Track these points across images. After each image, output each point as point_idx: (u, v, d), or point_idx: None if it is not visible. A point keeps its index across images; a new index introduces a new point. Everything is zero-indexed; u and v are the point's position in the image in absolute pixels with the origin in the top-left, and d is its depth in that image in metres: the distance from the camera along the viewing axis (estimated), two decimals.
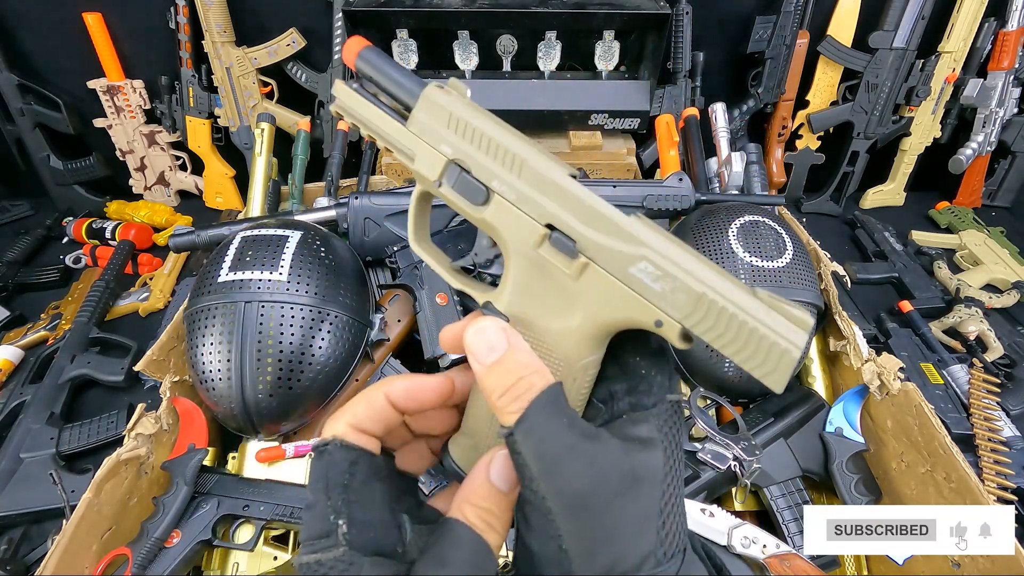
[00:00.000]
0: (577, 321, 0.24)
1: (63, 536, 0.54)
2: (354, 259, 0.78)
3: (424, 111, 0.25)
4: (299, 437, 0.72)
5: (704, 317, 0.21)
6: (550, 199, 0.23)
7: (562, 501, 0.21)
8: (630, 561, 0.21)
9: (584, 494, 0.21)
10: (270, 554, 0.64)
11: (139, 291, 1.04)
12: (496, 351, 0.23)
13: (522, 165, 0.24)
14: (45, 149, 1.20)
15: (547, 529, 0.21)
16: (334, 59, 1.15)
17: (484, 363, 0.23)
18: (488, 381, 0.23)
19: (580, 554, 0.21)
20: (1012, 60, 1.16)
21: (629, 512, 0.21)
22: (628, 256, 0.22)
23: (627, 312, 0.23)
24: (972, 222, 1.24)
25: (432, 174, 0.25)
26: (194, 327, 0.67)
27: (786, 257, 0.76)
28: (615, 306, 0.23)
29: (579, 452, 0.21)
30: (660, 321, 0.22)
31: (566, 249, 0.23)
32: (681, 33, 1.13)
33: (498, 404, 0.22)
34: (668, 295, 0.22)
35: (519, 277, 0.25)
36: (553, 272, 0.24)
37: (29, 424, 0.77)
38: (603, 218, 0.23)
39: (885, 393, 0.70)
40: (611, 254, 0.23)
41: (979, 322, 0.93)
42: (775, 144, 1.26)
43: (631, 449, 0.22)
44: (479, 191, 0.24)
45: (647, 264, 0.22)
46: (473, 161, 0.24)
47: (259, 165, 1.04)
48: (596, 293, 0.23)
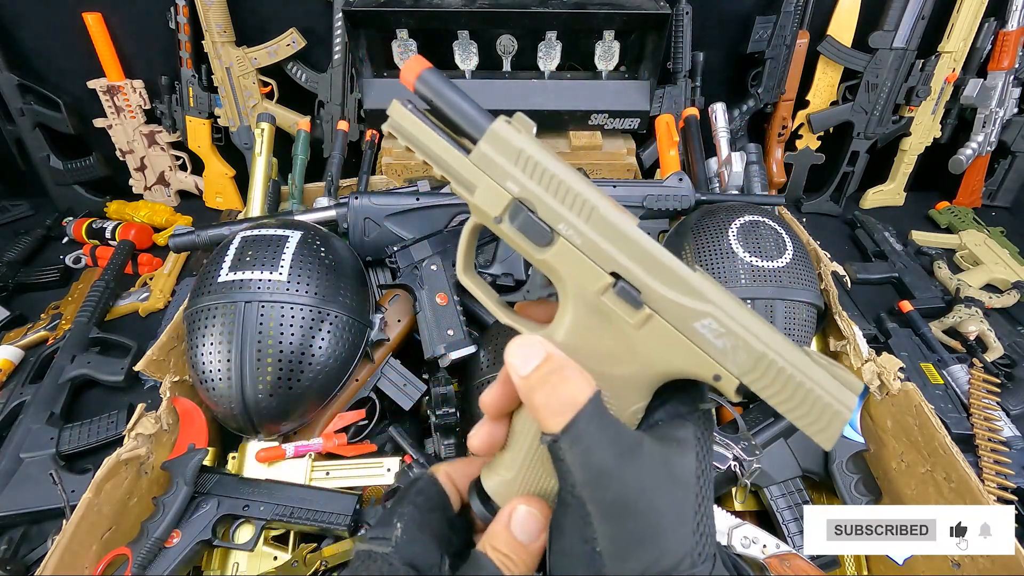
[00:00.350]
0: (633, 369, 0.24)
1: (63, 536, 0.54)
2: (354, 259, 0.78)
3: (491, 145, 0.24)
4: (299, 437, 0.72)
5: (763, 375, 0.23)
6: (617, 248, 0.23)
7: (603, 508, 0.22)
8: (668, 561, 0.21)
9: (627, 502, 0.21)
10: (270, 554, 0.64)
11: (139, 291, 1.04)
12: (535, 358, 0.23)
13: (592, 212, 0.23)
14: (45, 149, 1.20)
15: (583, 532, 0.22)
16: (334, 59, 1.15)
17: (525, 372, 0.23)
18: (530, 390, 0.23)
19: (614, 556, 0.22)
20: (1012, 60, 1.16)
21: (668, 515, 0.22)
22: (694, 312, 0.23)
23: (687, 365, 0.23)
24: (972, 222, 1.24)
25: (494, 211, 0.24)
26: (194, 327, 0.67)
27: (786, 257, 0.76)
28: (676, 358, 0.23)
29: (624, 462, 0.22)
30: (719, 376, 0.23)
31: (631, 299, 0.23)
32: (681, 33, 1.13)
33: (542, 412, 0.23)
34: (730, 352, 0.23)
35: (576, 319, 0.25)
36: (614, 319, 0.24)
37: (29, 424, 0.77)
38: (670, 272, 0.23)
39: (885, 393, 0.70)
40: (677, 308, 0.23)
41: (979, 322, 0.93)
42: (775, 144, 1.26)
43: (670, 453, 0.23)
44: (544, 233, 0.24)
45: (711, 321, 0.23)
46: (540, 202, 0.24)
47: (259, 165, 1.04)
48: (657, 344, 0.24)
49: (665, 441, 0.23)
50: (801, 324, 0.76)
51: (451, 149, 0.25)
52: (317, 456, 0.70)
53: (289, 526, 0.65)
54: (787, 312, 0.75)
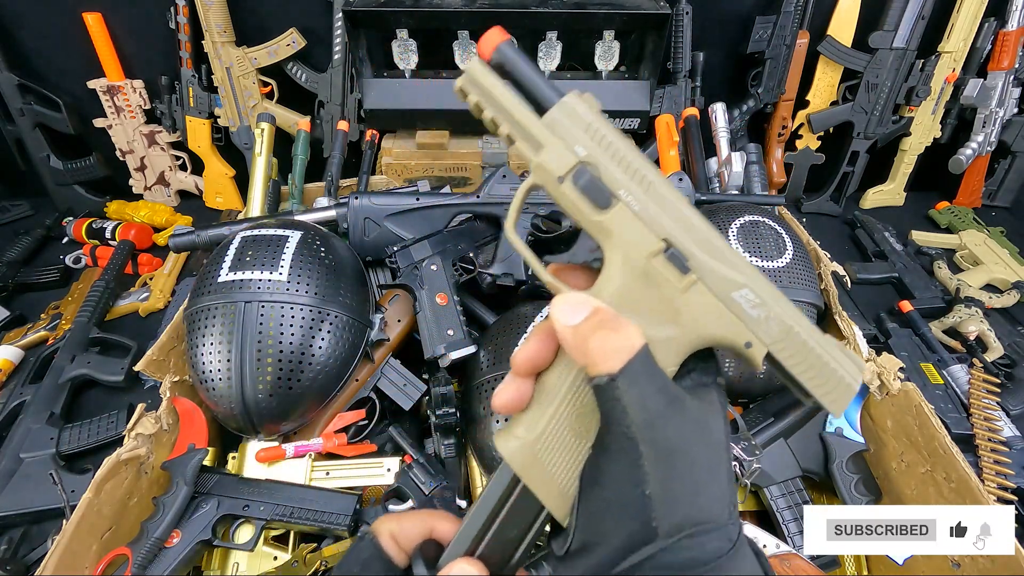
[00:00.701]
0: (673, 332, 0.26)
1: (63, 536, 0.54)
2: (354, 259, 0.78)
3: (562, 112, 0.26)
4: (299, 437, 0.72)
5: (788, 345, 0.26)
6: (671, 218, 0.26)
7: (656, 449, 0.22)
8: (710, 512, 0.22)
9: (675, 448, 0.22)
10: (270, 554, 0.64)
11: (139, 291, 1.04)
12: (585, 310, 0.24)
13: (651, 184, 0.26)
14: (45, 149, 1.20)
15: (632, 475, 0.22)
16: (334, 59, 1.15)
17: (575, 321, 0.24)
18: (582, 337, 0.24)
19: (663, 500, 0.22)
20: (1012, 60, 1.16)
21: (706, 469, 0.23)
22: (734, 282, 0.25)
23: (723, 330, 0.26)
24: (972, 222, 1.24)
25: (559, 170, 0.26)
26: (194, 327, 0.67)
27: (786, 257, 0.76)
28: (714, 323, 0.26)
29: (673, 410, 0.23)
30: (751, 343, 0.26)
31: (679, 264, 0.25)
32: (681, 33, 1.13)
33: (596, 355, 0.23)
34: (762, 322, 0.25)
35: (624, 281, 0.26)
36: (660, 283, 0.26)
37: (29, 424, 0.77)
38: (715, 245, 0.26)
39: (885, 393, 0.70)
40: (719, 278, 0.25)
41: (979, 322, 0.93)
42: (775, 144, 1.26)
43: (706, 411, 0.24)
44: (604, 196, 0.26)
45: (749, 292, 0.25)
46: (605, 168, 0.26)
47: (259, 165, 1.04)
48: (699, 309, 0.26)
49: (701, 401, 0.24)
50: None
51: (525, 107, 0.27)
52: (317, 456, 0.70)
53: (289, 526, 0.65)
54: None
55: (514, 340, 0.70)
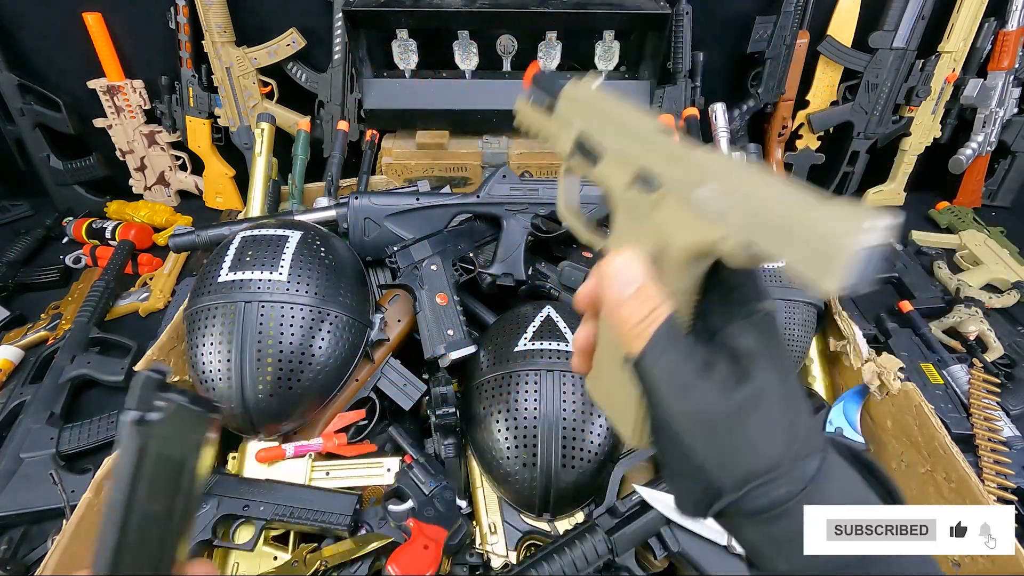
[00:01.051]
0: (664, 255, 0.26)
1: (63, 536, 0.54)
2: (354, 259, 0.78)
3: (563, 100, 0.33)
4: (299, 437, 0.72)
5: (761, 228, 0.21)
6: (640, 147, 0.28)
7: (687, 421, 0.23)
8: (765, 463, 0.22)
9: (707, 415, 0.22)
10: (270, 554, 0.64)
11: (139, 291, 1.04)
12: (635, 283, 0.25)
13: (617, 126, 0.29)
14: (45, 149, 1.20)
15: (678, 448, 0.24)
16: (334, 59, 1.15)
17: (623, 296, 0.25)
18: (624, 312, 0.25)
19: (715, 466, 0.23)
20: (1012, 60, 1.16)
21: (750, 426, 0.22)
22: (692, 181, 0.24)
23: (695, 233, 0.24)
24: (972, 222, 1.24)
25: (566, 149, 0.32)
26: (194, 327, 0.67)
27: None
28: (684, 229, 0.25)
29: (702, 378, 0.23)
30: (725, 237, 0.23)
31: (647, 185, 0.27)
32: (681, 33, 1.13)
33: (630, 334, 0.24)
34: (729, 213, 0.23)
35: (619, 223, 0.29)
36: (640, 211, 0.27)
37: (29, 424, 0.77)
38: (674, 155, 0.26)
39: (885, 393, 0.70)
40: (678, 183, 0.25)
41: (979, 322, 0.93)
42: (775, 144, 1.26)
43: (739, 369, 0.23)
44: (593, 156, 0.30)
45: (714, 185, 0.24)
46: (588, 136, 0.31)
47: (259, 165, 1.04)
48: (671, 221, 0.25)
49: (732, 355, 0.23)
50: (801, 324, 0.76)
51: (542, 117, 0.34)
52: (317, 456, 0.70)
53: (289, 526, 0.65)
54: (787, 312, 0.75)
55: (514, 340, 0.70)
